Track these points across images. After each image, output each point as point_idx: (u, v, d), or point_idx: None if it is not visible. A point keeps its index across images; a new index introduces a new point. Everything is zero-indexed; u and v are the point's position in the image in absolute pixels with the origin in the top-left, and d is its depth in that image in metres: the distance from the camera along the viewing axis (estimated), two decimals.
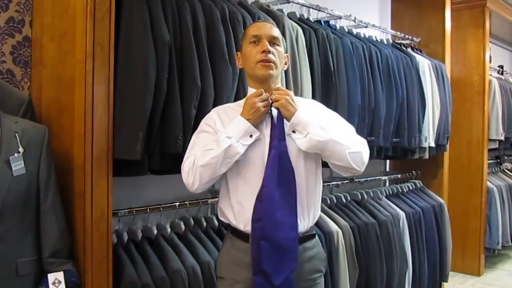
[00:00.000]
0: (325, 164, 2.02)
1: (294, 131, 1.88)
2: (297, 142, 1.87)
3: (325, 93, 2.94)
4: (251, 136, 1.86)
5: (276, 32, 1.98)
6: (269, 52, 1.91)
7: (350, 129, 2.02)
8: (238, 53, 2.05)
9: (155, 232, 2.44)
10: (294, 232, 1.86)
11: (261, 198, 1.84)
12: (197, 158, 1.86)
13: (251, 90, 1.98)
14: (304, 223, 1.93)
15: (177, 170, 2.00)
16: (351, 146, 1.88)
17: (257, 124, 1.87)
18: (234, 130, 1.84)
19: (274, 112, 1.91)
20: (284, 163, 1.86)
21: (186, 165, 1.89)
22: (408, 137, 3.64)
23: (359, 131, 3.11)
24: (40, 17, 2.27)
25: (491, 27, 5.22)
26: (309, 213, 1.95)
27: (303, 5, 3.22)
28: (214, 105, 2.25)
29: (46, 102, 2.21)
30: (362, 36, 3.58)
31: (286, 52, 2.07)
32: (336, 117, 2.06)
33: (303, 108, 1.91)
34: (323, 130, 1.85)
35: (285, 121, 1.89)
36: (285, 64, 2.04)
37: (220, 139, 1.84)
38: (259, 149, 1.89)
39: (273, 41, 1.94)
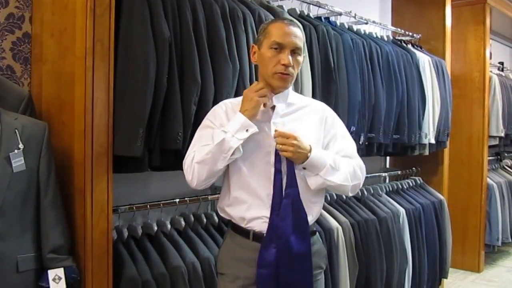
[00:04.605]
0: None
1: (304, 168, 1.88)
2: (307, 179, 1.89)
3: (325, 89, 2.93)
4: (247, 130, 1.82)
5: (300, 40, 1.90)
6: (290, 65, 1.87)
7: (353, 149, 2.03)
8: (254, 46, 1.98)
9: (155, 228, 2.45)
10: (309, 267, 1.89)
11: (277, 248, 1.84)
12: (195, 155, 1.86)
13: None
14: (308, 219, 1.92)
15: (177, 167, 2.00)
16: (353, 180, 1.93)
17: (253, 116, 1.84)
18: (231, 125, 1.83)
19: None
20: (299, 212, 1.87)
21: (186, 162, 1.90)
22: (408, 133, 3.64)
23: (359, 128, 3.12)
24: (40, 13, 2.27)
25: (491, 23, 5.21)
26: (312, 210, 1.95)
27: (303, 1, 3.21)
28: (214, 102, 2.24)
29: (46, 99, 2.21)
30: (363, 32, 3.58)
31: (305, 52, 2.02)
32: (342, 132, 2.05)
33: (315, 149, 1.87)
34: (334, 170, 1.87)
35: None
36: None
37: (215, 134, 1.84)
38: (263, 149, 1.89)
39: (295, 50, 1.88)
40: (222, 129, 1.83)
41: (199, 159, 1.83)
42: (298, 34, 1.90)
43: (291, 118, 1.94)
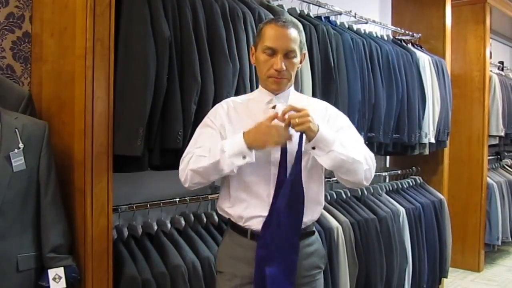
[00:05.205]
0: None
1: (313, 148, 1.80)
2: (318, 160, 1.82)
3: (325, 88, 2.93)
4: (244, 157, 1.76)
5: (293, 42, 1.85)
6: (282, 70, 1.84)
7: (361, 140, 2.01)
8: (253, 47, 1.96)
9: (155, 227, 2.45)
10: (296, 254, 1.86)
11: (269, 224, 1.82)
12: (190, 161, 1.84)
13: (261, 90, 1.96)
14: (307, 219, 1.92)
15: (177, 166, 1.99)
16: (365, 164, 1.87)
17: (255, 148, 1.78)
18: (231, 146, 1.77)
19: (294, 132, 1.79)
20: (296, 188, 1.82)
21: (182, 162, 1.89)
22: (408, 133, 3.64)
23: (359, 127, 3.12)
24: (40, 12, 2.27)
25: (491, 23, 5.21)
26: (314, 209, 1.95)
27: (303, 0, 3.21)
28: (214, 101, 2.24)
29: (46, 98, 2.21)
30: (363, 32, 3.58)
31: (304, 50, 1.98)
32: (348, 124, 2.03)
33: (322, 124, 1.82)
34: (344, 147, 1.81)
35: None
36: (300, 62, 1.95)
37: (213, 149, 1.79)
38: (264, 154, 1.87)
39: (288, 54, 1.85)
40: (221, 147, 1.77)
41: (193, 168, 1.82)
42: (292, 36, 1.86)
43: None
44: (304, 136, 1.79)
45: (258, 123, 1.78)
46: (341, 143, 1.81)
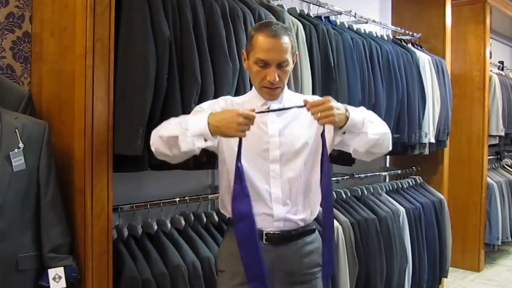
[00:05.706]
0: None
1: (344, 133, 1.78)
2: (351, 143, 1.82)
3: (325, 88, 2.93)
4: (206, 140, 1.71)
5: (285, 52, 1.82)
6: (276, 80, 1.83)
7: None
8: (244, 53, 1.94)
9: (155, 227, 2.44)
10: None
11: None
12: (162, 125, 1.83)
13: (256, 92, 1.95)
14: (307, 215, 1.93)
15: (177, 166, 2.00)
16: (388, 130, 1.87)
17: (220, 135, 1.72)
18: (194, 125, 1.71)
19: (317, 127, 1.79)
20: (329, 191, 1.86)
21: (159, 125, 1.87)
22: (408, 132, 3.64)
23: None
24: (40, 12, 2.26)
25: (491, 22, 5.21)
26: (314, 205, 1.95)
27: (303, 0, 3.21)
28: None
29: (46, 98, 2.21)
30: (363, 31, 3.58)
31: (296, 50, 1.96)
32: (346, 105, 2.03)
33: (347, 106, 1.77)
34: (373, 124, 1.80)
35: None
36: (293, 62, 1.93)
37: (177, 122, 1.76)
38: (260, 146, 1.88)
39: (281, 63, 1.83)
40: (185, 124, 1.72)
41: (159, 134, 1.79)
42: (284, 46, 1.82)
43: (287, 116, 1.93)
44: (328, 130, 1.79)
45: (227, 110, 1.74)
46: (370, 120, 1.80)
